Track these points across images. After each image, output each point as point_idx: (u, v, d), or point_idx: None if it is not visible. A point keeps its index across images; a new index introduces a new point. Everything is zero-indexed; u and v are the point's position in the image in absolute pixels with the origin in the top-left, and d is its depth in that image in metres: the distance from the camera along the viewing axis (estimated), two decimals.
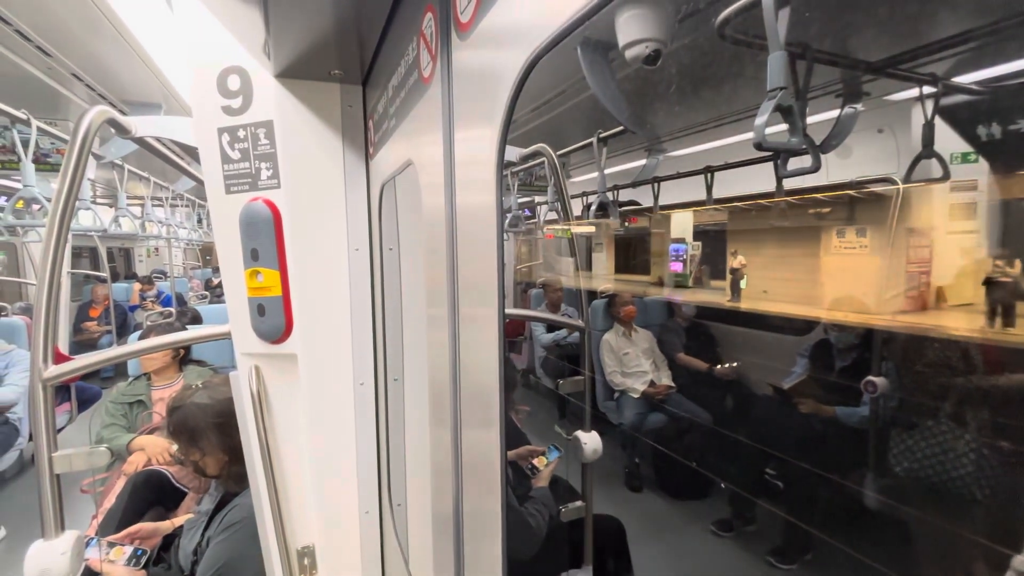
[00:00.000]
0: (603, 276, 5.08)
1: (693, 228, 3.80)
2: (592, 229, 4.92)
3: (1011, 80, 1.41)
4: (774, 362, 2.94)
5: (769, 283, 2.91)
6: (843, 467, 2.12)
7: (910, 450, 1.78)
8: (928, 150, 1.37)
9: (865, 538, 2.01)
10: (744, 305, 3.07)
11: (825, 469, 2.17)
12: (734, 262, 3.07)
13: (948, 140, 1.53)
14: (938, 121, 1.37)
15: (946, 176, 1.45)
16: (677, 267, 3.87)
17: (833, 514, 2.29)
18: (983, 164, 1.58)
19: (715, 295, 3.55)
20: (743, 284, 3.03)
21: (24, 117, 2.01)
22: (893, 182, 2.18)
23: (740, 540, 2.61)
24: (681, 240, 3.82)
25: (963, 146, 1.58)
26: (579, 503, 1.40)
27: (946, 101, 1.43)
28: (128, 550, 1.37)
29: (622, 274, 5.05)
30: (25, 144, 2.05)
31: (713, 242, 3.71)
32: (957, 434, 1.66)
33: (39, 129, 2.09)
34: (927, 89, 1.37)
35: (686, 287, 3.82)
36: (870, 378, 2.02)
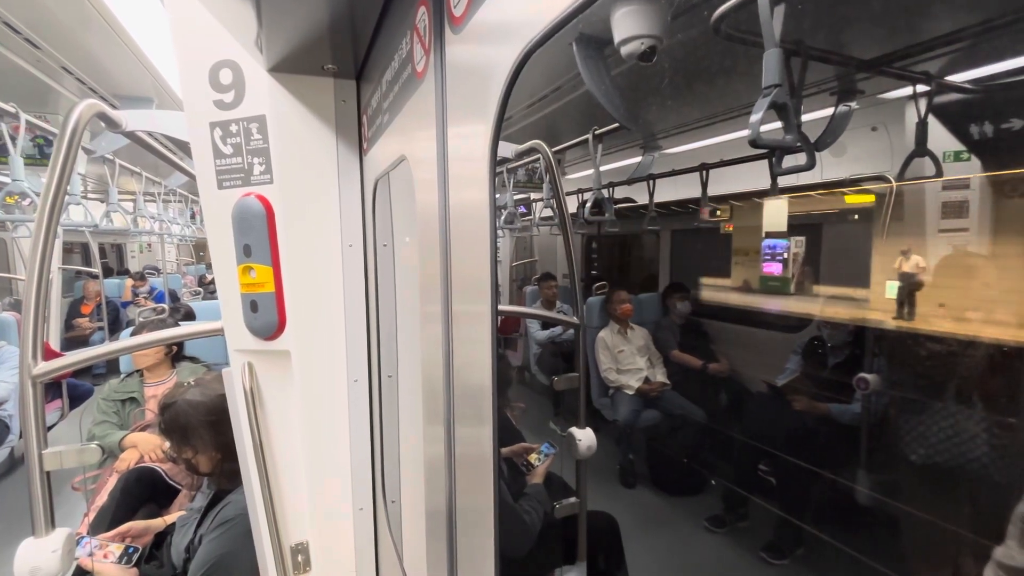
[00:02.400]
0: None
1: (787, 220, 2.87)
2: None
3: (1005, 79, 1.42)
4: None
5: (947, 294, 1.99)
6: None
7: None
8: (921, 148, 1.37)
9: (857, 533, 2.03)
10: (925, 326, 2.02)
11: None
12: (905, 264, 2.09)
13: (941, 138, 1.54)
14: (931, 120, 1.38)
15: (939, 174, 1.46)
16: (774, 268, 2.90)
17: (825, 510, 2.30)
18: None
19: (853, 308, 2.56)
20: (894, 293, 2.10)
21: (12, 111, 1.98)
22: (886, 180, 2.19)
23: (733, 536, 2.63)
24: (780, 235, 2.87)
25: (956, 144, 1.58)
26: (573, 499, 1.41)
27: (939, 99, 1.43)
28: (119, 548, 1.37)
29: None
30: (13, 138, 2.03)
31: (824, 237, 2.82)
32: None
33: (27, 123, 2.06)
34: (920, 87, 1.37)
35: (787, 293, 2.91)
36: None
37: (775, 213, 2.85)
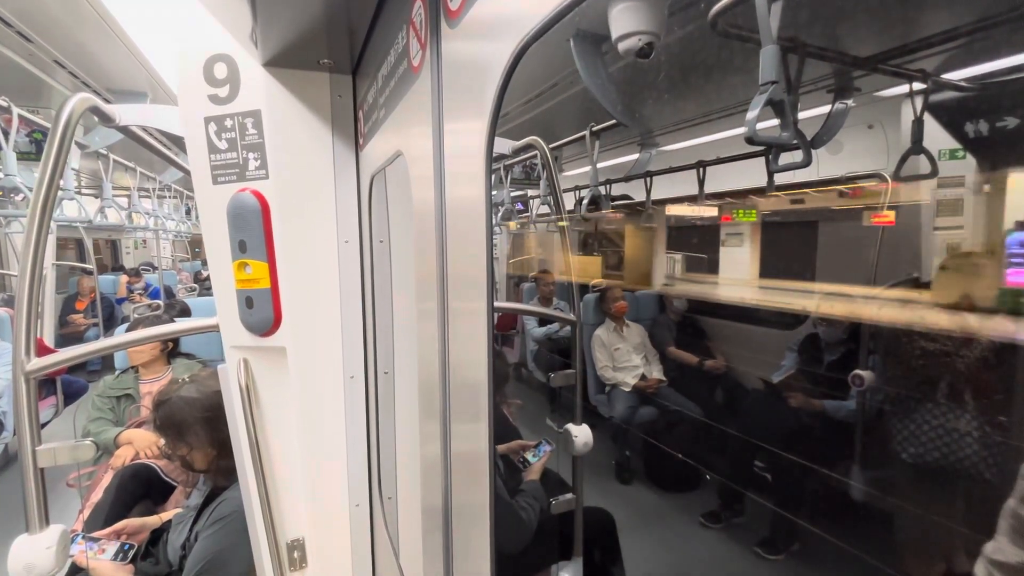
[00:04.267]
0: (743, 282, 3.48)
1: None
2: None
3: (1000, 77, 1.42)
4: None
5: None
6: None
7: None
8: (917, 146, 1.38)
9: (851, 528, 2.05)
10: None
11: None
12: None
13: (937, 136, 1.54)
14: (927, 118, 1.38)
15: (934, 172, 1.46)
16: None
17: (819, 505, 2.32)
18: None
19: None
20: None
21: (5, 105, 1.97)
22: (883, 178, 2.19)
23: (728, 531, 2.64)
24: None
25: (951, 142, 1.59)
26: (569, 496, 1.41)
27: (935, 98, 1.44)
28: (115, 545, 1.36)
29: (783, 279, 3.29)
30: (6, 132, 2.01)
31: None
32: None
33: (22, 117, 2.04)
34: (917, 85, 1.37)
35: None
36: None
37: None
